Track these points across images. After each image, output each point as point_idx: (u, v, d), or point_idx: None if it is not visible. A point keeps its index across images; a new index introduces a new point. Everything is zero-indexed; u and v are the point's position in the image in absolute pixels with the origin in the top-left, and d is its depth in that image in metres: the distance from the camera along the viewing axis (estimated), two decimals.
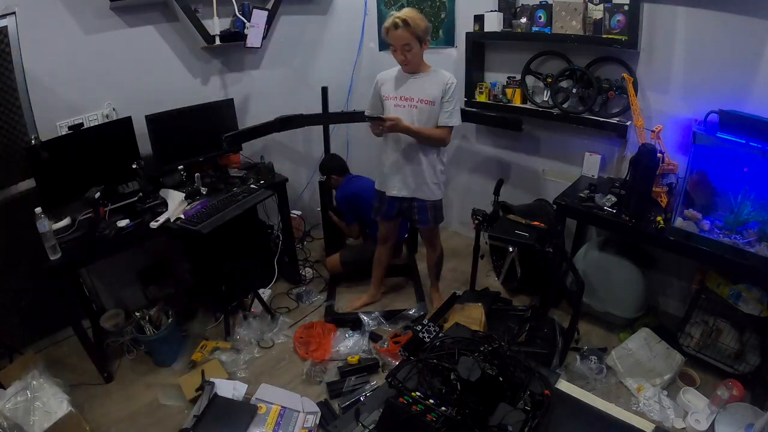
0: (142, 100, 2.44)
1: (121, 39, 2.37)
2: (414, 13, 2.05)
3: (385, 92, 2.24)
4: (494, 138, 3.05)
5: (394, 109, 2.20)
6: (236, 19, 2.64)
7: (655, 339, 2.21)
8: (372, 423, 1.22)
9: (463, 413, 1.12)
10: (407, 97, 2.18)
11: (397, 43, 2.06)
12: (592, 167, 2.53)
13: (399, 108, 2.19)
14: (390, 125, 2.09)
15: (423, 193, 2.30)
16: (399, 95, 2.20)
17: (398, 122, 2.09)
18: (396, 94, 2.20)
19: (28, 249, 2.27)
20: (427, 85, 2.16)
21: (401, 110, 2.18)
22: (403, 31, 2.01)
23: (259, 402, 1.99)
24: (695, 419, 1.94)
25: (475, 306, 2.36)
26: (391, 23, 2.03)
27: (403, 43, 2.05)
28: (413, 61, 2.11)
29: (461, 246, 3.31)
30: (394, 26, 2.02)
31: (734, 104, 1.99)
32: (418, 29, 2.03)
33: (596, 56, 2.39)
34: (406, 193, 2.31)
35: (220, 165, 2.78)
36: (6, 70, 2.04)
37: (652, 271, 2.47)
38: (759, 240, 1.86)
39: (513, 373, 1.26)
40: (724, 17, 1.99)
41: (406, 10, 2.10)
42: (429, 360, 1.30)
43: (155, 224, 2.21)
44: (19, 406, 1.85)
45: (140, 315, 2.33)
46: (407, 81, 2.18)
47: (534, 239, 2.24)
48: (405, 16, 2.02)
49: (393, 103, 2.21)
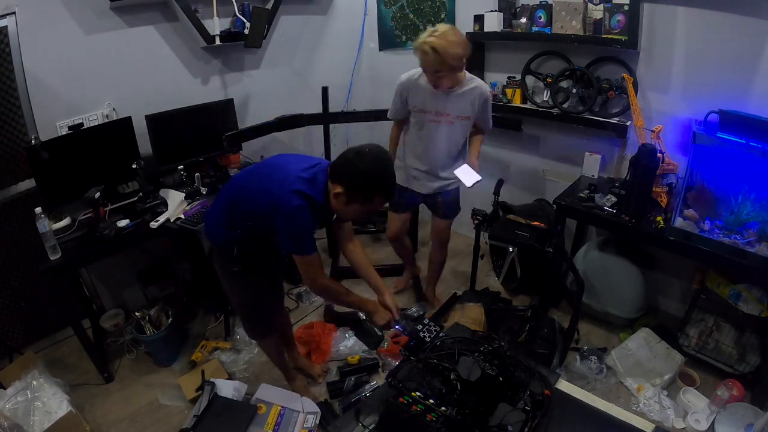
0: (142, 100, 2.44)
1: (121, 39, 2.37)
2: (447, 40, 1.80)
3: (414, 102, 2.09)
4: (494, 138, 3.04)
5: (428, 124, 2.09)
6: (236, 19, 2.64)
7: (655, 339, 2.21)
8: (372, 423, 1.22)
9: (463, 413, 1.12)
10: (443, 113, 2.05)
11: (426, 67, 1.90)
12: (592, 167, 2.53)
13: (434, 123, 2.07)
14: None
15: (453, 184, 2.24)
16: (434, 110, 2.05)
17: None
18: (430, 108, 2.06)
19: (28, 249, 2.29)
20: (463, 101, 2.03)
21: (436, 126, 2.07)
22: (434, 58, 1.82)
23: (259, 402, 1.99)
24: (695, 419, 1.94)
25: (475, 306, 2.36)
26: (421, 48, 1.84)
27: (433, 69, 1.87)
28: (446, 86, 1.96)
29: (461, 246, 3.31)
30: (423, 52, 1.84)
31: (734, 104, 1.99)
32: (449, 59, 1.81)
33: (596, 56, 2.39)
34: (438, 187, 2.22)
35: (220, 165, 2.78)
36: (6, 70, 2.04)
37: (652, 271, 2.48)
38: (759, 240, 1.86)
39: (513, 373, 1.26)
40: (724, 17, 1.98)
41: (441, 31, 1.84)
42: (429, 360, 1.30)
43: (155, 224, 2.21)
44: (19, 406, 1.85)
45: (140, 315, 2.33)
46: (441, 94, 2.01)
47: (534, 239, 2.24)
48: (436, 43, 1.79)
49: (427, 118, 2.07)
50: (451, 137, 2.12)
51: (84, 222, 2.19)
